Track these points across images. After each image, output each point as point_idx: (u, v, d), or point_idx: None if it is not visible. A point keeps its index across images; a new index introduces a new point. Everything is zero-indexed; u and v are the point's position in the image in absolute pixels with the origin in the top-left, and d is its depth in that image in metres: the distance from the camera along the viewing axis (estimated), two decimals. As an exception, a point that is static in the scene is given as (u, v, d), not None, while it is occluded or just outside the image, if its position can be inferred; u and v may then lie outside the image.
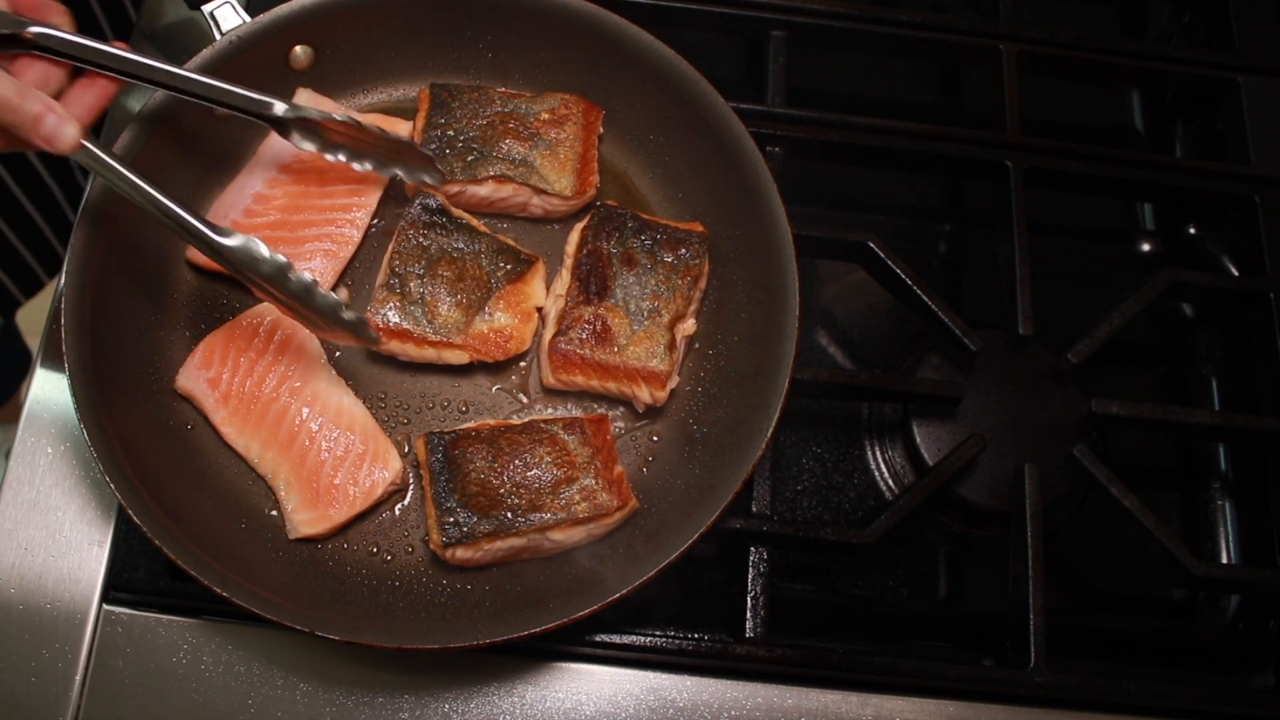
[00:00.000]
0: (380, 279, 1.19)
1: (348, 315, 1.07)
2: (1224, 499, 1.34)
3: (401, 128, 1.27)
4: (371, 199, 1.25)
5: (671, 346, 1.17)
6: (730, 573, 1.19)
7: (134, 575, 1.13)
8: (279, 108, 1.12)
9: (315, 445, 1.13)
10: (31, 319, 2.13)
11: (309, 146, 1.16)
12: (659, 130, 1.28)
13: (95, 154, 1.02)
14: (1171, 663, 1.27)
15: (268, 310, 1.17)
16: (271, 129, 1.15)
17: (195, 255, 1.21)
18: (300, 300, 1.06)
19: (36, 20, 1.02)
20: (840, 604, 1.27)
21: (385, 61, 1.30)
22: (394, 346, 1.17)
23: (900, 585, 1.26)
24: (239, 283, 1.19)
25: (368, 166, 1.20)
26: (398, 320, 1.16)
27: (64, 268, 1.10)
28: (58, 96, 1.04)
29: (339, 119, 1.15)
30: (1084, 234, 1.50)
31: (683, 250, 1.20)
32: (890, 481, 1.30)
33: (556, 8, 1.25)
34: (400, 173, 1.21)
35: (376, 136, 1.18)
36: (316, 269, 1.22)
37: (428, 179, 1.21)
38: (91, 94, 1.06)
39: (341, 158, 1.19)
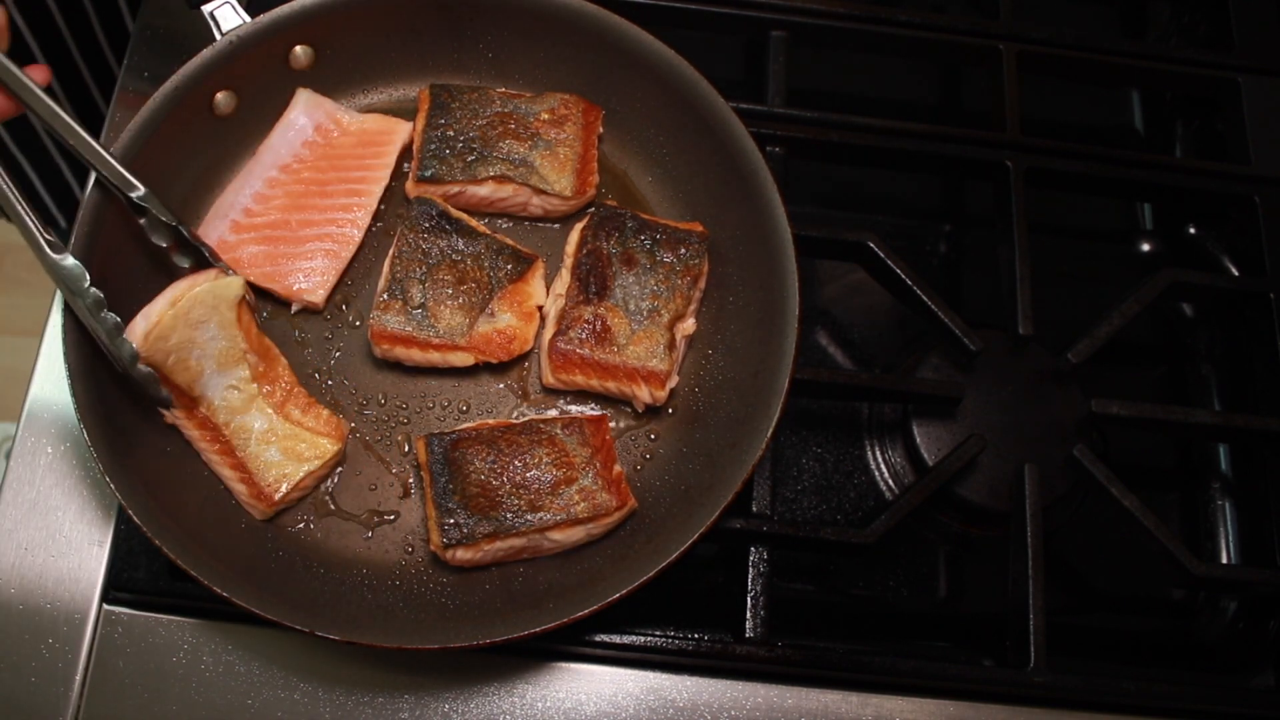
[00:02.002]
0: (381, 284, 1.18)
1: (141, 369, 1.08)
2: (1224, 499, 1.34)
3: (401, 128, 1.27)
4: (372, 199, 1.25)
5: (671, 346, 1.17)
6: (730, 573, 1.19)
7: (134, 575, 1.13)
8: (136, 192, 1.11)
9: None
10: (31, 319, 2.12)
11: (157, 239, 1.15)
12: (659, 130, 1.28)
13: None
14: (1171, 663, 1.27)
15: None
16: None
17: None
18: (103, 337, 1.07)
19: None
20: (840, 604, 1.27)
21: (385, 61, 1.30)
22: (398, 352, 1.17)
23: (900, 585, 1.26)
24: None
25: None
26: (401, 326, 1.16)
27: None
28: None
29: (184, 231, 1.13)
30: (1084, 234, 1.50)
31: (682, 250, 1.20)
32: (890, 481, 1.30)
33: (557, 8, 1.25)
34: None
35: (208, 261, 1.16)
36: (318, 268, 1.22)
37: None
38: None
39: (185, 264, 1.17)
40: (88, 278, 1.07)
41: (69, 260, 1.07)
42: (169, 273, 1.20)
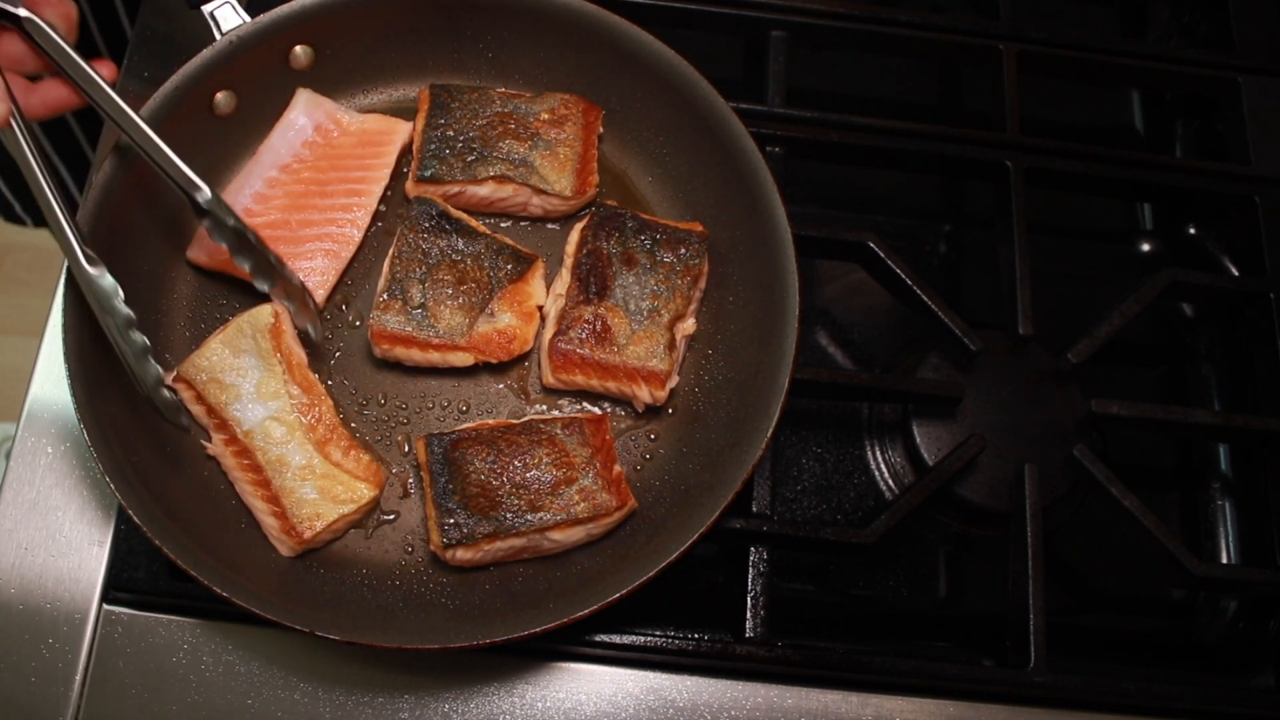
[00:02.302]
0: (381, 284, 1.18)
1: (165, 395, 1.07)
2: (1224, 499, 1.33)
3: (401, 128, 1.27)
4: (372, 199, 1.25)
5: (671, 346, 1.16)
6: (730, 573, 1.19)
7: (134, 575, 1.12)
8: (203, 195, 1.09)
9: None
10: (31, 319, 2.12)
11: (219, 241, 1.12)
12: (659, 130, 1.28)
13: (16, 139, 1.03)
14: (1172, 663, 1.27)
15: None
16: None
17: (196, 255, 1.21)
18: (129, 359, 1.05)
19: (31, 8, 1.04)
20: (840, 604, 1.27)
21: (385, 61, 1.30)
22: (398, 352, 1.17)
23: (900, 585, 1.26)
24: (239, 284, 1.20)
25: (264, 287, 1.14)
26: (401, 326, 1.16)
27: (64, 267, 1.10)
28: (35, 79, 1.06)
29: (250, 236, 1.11)
30: (1084, 234, 1.50)
31: (682, 250, 1.20)
32: (890, 481, 1.29)
33: (556, 8, 1.25)
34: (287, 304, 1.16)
35: (272, 265, 1.13)
36: (318, 268, 1.22)
37: (308, 328, 1.17)
38: (56, 94, 1.08)
39: (245, 267, 1.14)
40: (120, 294, 1.05)
41: (106, 278, 1.04)
42: (165, 276, 1.20)
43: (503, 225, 1.28)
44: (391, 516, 1.15)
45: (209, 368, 1.13)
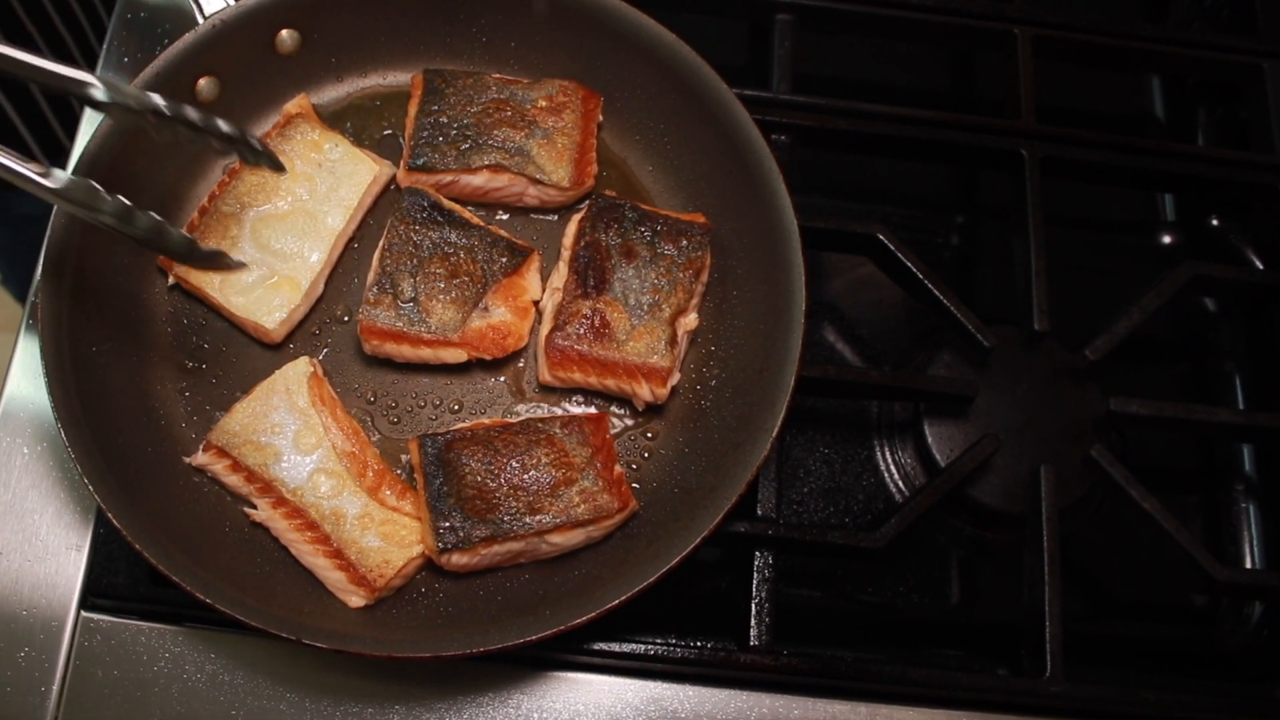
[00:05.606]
0: (371, 278, 1.17)
1: (203, 249, 1.08)
2: (1248, 501, 1.33)
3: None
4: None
5: (673, 342, 1.15)
6: (734, 578, 1.18)
7: (113, 581, 1.12)
8: (96, 89, 0.97)
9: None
10: (4, 314, 2.11)
11: (128, 124, 1.04)
12: (660, 118, 1.26)
13: None
14: (1193, 672, 1.26)
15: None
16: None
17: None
18: (151, 242, 1.02)
19: None
20: (848, 611, 1.26)
21: (375, 46, 1.28)
22: (389, 348, 1.16)
23: (911, 591, 1.25)
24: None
25: (215, 145, 1.07)
26: (391, 321, 1.14)
27: (40, 261, 1.08)
28: None
29: (164, 108, 1.02)
30: (1102, 226, 1.49)
31: (684, 242, 1.18)
32: (900, 483, 1.28)
33: (552, -11, 1.24)
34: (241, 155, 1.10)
35: (199, 124, 1.05)
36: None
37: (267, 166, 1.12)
38: None
39: (168, 136, 1.05)
40: (100, 189, 0.97)
41: (69, 178, 0.96)
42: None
43: (497, 217, 1.26)
44: (381, 520, 1.13)
45: (241, 431, 1.10)
